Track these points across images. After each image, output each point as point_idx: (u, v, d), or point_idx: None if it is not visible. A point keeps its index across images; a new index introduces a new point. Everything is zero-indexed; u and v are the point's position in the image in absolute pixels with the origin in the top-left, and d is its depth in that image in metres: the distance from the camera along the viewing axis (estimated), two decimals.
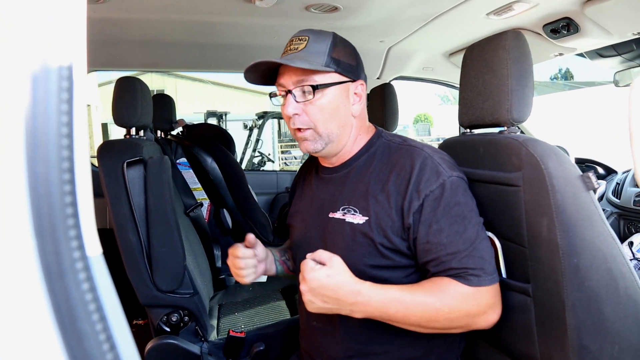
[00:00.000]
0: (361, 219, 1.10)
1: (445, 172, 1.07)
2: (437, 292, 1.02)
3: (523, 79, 1.11)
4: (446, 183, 1.05)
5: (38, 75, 0.33)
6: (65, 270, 0.34)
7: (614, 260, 0.98)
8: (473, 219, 1.06)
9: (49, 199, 0.33)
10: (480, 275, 1.02)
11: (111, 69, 3.20)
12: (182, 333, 1.66)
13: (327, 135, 1.12)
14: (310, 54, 1.09)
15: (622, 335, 0.98)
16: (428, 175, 1.06)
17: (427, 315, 1.02)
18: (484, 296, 1.03)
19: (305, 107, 1.10)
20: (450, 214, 1.04)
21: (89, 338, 0.34)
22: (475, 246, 1.03)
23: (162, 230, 1.56)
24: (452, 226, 1.04)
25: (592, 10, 1.75)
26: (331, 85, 1.10)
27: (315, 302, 1.00)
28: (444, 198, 1.04)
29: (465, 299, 1.02)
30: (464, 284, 1.02)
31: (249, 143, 6.87)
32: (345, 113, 1.14)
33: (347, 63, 1.13)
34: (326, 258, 1.00)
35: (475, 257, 1.03)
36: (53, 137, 0.33)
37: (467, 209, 1.06)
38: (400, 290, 1.02)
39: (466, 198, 1.08)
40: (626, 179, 2.48)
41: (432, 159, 1.09)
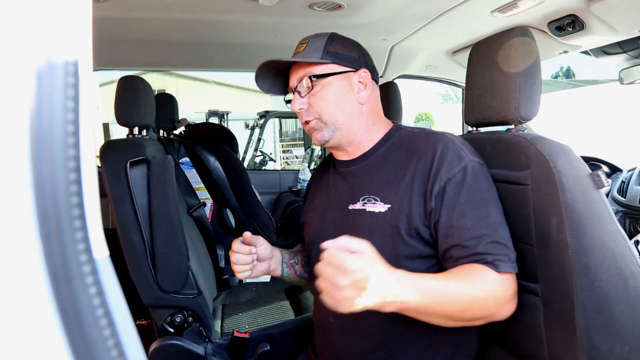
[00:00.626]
0: (383, 207, 1.10)
1: (467, 157, 1.07)
2: (471, 278, 0.98)
3: (531, 76, 1.10)
4: (468, 167, 1.05)
5: (43, 70, 0.31)
6: (72, 274, 0.33)
7: (624, 260, 0.97)
8: (495, 205, 1.05)
9: (55, 200, 0.32)
10: (506, 262, 1.00)
11: (113, 69, 3.19)
12: (186, 334, 1.65)
13: (332, 123, 1.17)
14: (309, 52, 1.18)
15: (633, 336, 0.97)
16: (450, 159, 1.06)
17: (462, 304, 0.96)
18: (510, 283, 1.01)
19: (310, 100, 1.17)
20: (474, 198, 1.03)
21: (97, 344, 0.33)
22: (499, 232, 1.02)
23: (165, 231, 1.55)
24: (475, 210, 1.03)
25: (598, 7, 1.73)
26: (329, 75, 1.16)
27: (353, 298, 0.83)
28: (467, 182, 1.04)
29: (496, 286, 0.99)
30: (493, 270, 0.99)
31: (250, 142, 6.87)
32: (351, 101, 1.18)
33: (346, 55, 1.19)
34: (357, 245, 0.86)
35: (500, 243, 1.01)
36: (59, 135, 0.32)
37: (489, 195, 1.06)
38: (435, 279, 0.96)
39: (488, 183, 1.07)
40: (631, 177, 2.47)
41: (454, 143, 1.10)
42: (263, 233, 2.62)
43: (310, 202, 1.37)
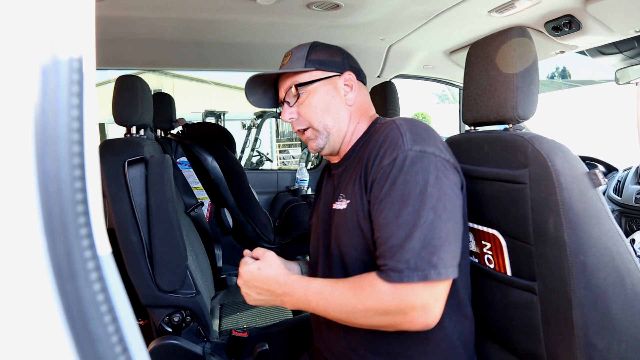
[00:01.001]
0: (345, 203, 1.11)
1: (404, 146, 0.98)
2: (356, 288, 0.97)
3: (529, 76, 1.10)
4: (398, 158, 0.97)
5: (48, 67, 0.31)
6: (77, 271, 0.33)
7: (621, 258, 0.97)
8: (420, 202, 0.94)
9: (60, 197, 0.32)
10: (402, 271, 0.91)
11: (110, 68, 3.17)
12: (184, 333, 1.65)
13: (324, 129, 1.18)
14: (292, 62, 1.20)
15: (630, 333, 0.97)
16: (385, 148, 1.01)
17: (344, 311, 0.97)
18: (406, 295, 0.92)
19: (299, 109, 1.19)
20: (394, 193, 0.96)
21: (102, 340, 0.33)
22: (409, 234, 0.92)
23: (163, 230, 1.55)
24: (391, 207, 0.95)
25: (594, 8, 1.75)
26: (314, 82, 1.17)
27: (250, 294, 1.10)
28: (391, 175, 0.97)
29: (382, 297, 0.93)
30: (383, 279, 0.93)
31: (247, 142, 6.86)
32: (339, 104, 1.19)
33: (329, 60, 1.20)
34: (260, 253, 1.11)
35: (404, 248, 0.91)
36: (64, 132, 0.32)
37: (414, 189, 0.94)
38: (324, 284, 1.02)
39: (420, 177, 0.95)
40: (627, 176, 2.48)
41: (398, 130, 1.02)
42: (261, 232, 2.62)
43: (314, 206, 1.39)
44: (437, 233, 0.93)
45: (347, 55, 1.25)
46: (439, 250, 0.92)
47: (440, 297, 0.95)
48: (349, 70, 1.21)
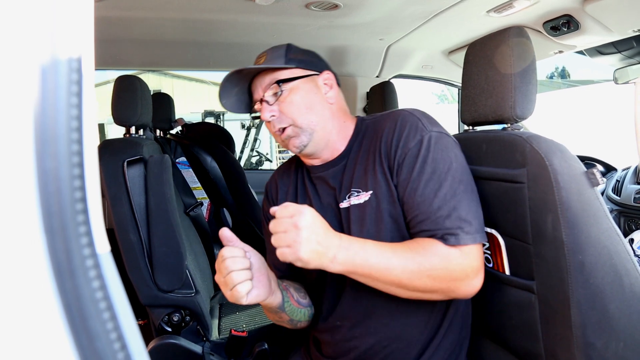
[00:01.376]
0: (366, 195, 1.10)
1: (426, 128, 1.07)
2: (420, 248, 1.00)
3: (527, 76, 1.11)
4: (424, 139, 1.05)
5: (47, 67, 0.32)
6: (76, 268, 0.33)
7: (619, 257, 0.97)
8: (452, 176, 1.03)
9: (59, 195, 0.32)
10: (458, 234, 0.99)
11: (109, 68, 3.18)
12: (184, 333, 1.65)
13: (307, 126, 1.14)
14: (270, 61, 1.16)
15: (628, 332, 0.98)
16: (407, 132, 1.07)
17: (408, 269, 0.97)
18: (467, 256, 1.00)
19: (280, 107, 1.14)
20: (426, 171, 1.03)
21: (100, 337, 0.33)
22: (452, 205, 1.00)
23: (162, 230, 1.55)
24: (427, 184, 1.02)
25: (592, 8, 1.75)
26: (296, 78, 1.15)
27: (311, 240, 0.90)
28: (421, 155, 1.04)
29: (447, 259, 0.98)
30: (443, 243, 0.99)
31: (246, 142, 6.86)
32: (320, 102, 1.17)
33: (306, 59, 1.19)
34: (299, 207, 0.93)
35: (451, 217, 0.99)
36: (63, 131, 0.32)
37: (444, 166, 1.03)
38: (379, 244, 1.00)
39: (445, 154, 1.05)
40: (626, 176, 2.48)
41: (413, 115, 1.10)
42: (260, 232, 2.62)
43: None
44: (469, 202, 1.03)
45: (323, 58, 1.25)
46: (474, 217, 1.02)
47: (482, 259, 1.04)
48: (327, 70, 1.21)
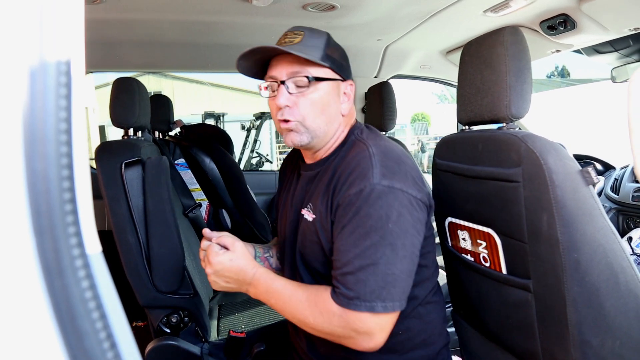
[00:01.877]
0: (311, 216, 1.12)
1: (373, 178, 0.99)
2: (311, 302, 1.02)
3: (521, 75, 1.11)
4: (365, 190, 0.98)
5: (36, 70, 0.32)
6: (65, 268, 0.34)
7: (614, 255, 0.98)
8: (379, 237, 0.96)
9: (48, 196, 0.33)
10: (352, 299, 0.96)
11: (108, 70, 3.19)
12: (183, 334, 1.66)
13: (313, 130, 1.11)
14: (307, 47, 1.08)
15: (623, 330, 0.98)
16: (354, 177, 1.02)
17: (296, 319, 1.05)
18: (350, 321, 0.97)
19: (297, 100, 1.09)
20: (356, 224, 0.98)
21: (89, 336, 0.34)
22: (363, 266, 0.96)
23: (161, 231, 1.56)
24: (351, 236, 0.98)
25: (588, 7, 1.75)
26: (325, 80, 1.10)
27: (218, 282, 1.11)
28: (356, 205, 0.99)
29: (331, 317, 0.99)
30: (334, 301, 0.99)
31: (246, 144, 6.87)
32: (335, 110, 1.14)
33: (339, 62, 1.14)
34: (229, 243, 1.12)
35: (358, 278, 0.96)
36: (51, 133, 0.33)
37: (377, 224, 0.97)
38: (285, 286, 1.07)
39: (384, 212, 0.97)
40: (624, 174, 2.49)
41: (370, 159, 1.03)
42: (259, 233, 2.63)
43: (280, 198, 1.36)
44: (391, 269, 0.97)
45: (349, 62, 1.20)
46: (389, 286, 0.97)
47: (386, 327, 1.00)
48: (351, 81, 1.18)
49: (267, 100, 1.15)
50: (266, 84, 1.14)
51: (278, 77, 1.10)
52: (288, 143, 1.13)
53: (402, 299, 0.99)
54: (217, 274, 1.10)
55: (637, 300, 0.98)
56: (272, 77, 1.11)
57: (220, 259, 1.09)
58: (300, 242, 1.16)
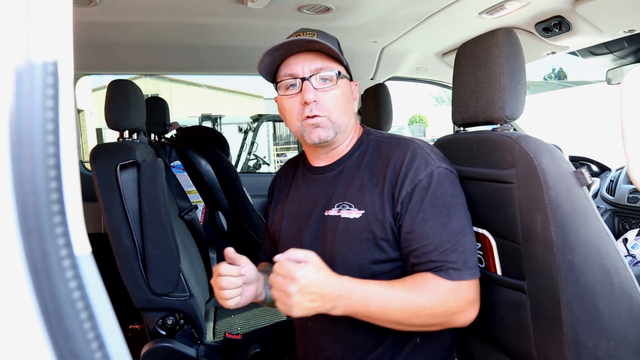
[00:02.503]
0: (357, 213, 1.10)
1: (434, 163, 1.08)
2: (418, 287, 1.02)
3: (515, 77, 1.11)
4: (434, 173, 1.06)
5: (22, 70, 0.32)
6: (52, 269, 0.33)
7: (608, 256, 0.98)
8: (459, 211, 1.07)
9: (35, 197, 0.33)
10: (461, 269, 1.01)
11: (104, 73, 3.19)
12: (178, 336, 1.65)
13: (338, 125, 1.14)
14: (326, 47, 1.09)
15: (618, 331, 0.98)
16: (417, 164, 1.07)
17: (408, 311, 1.00)
18: (465, 291, 1.03)
19: (324, 96, 1.11)
20: (436, 205, 1.05)
21: (77, 337, 0.34)
22: (458, 239, 1.03)
23: (156, 233, 1.55)
24: (437, 217, 1.04)
25: (583, 9, 1.76)
26: (344, 77, 1.16)
27: (303, 302, 0.93)
28: (431, 188, 1.05)
29: (447, 295, 1.01)
30: (444, 278, 1.01)
31: (244, 146, 6.87)
32: (352, 107, 1.19)
33: (347, 64, 1.18)
34: (303, 256, 0.96)
35: (457, 251, 1.02)
36: (38, 134, 0.33)
37: (453, 201, 1.07)
38: (381, 285, 1.01)
39: (454, 190, 1.08)
40: (620, 176, 2.50)
41: (422, 149, 1.11)
42: (255, 235, 2.62)
43: (279, 210, 1.31)
44: (471, 239, 1.07)
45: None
46: (474, 252, 1.06)
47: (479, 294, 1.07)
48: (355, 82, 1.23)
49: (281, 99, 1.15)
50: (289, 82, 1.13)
51: (299, 74, 1.10)
52: (314, 139, 1.12)
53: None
54: (303, 290, 0.92)
55: (631, 301, 0.98)
56: (291, 74, 1.12)
57: (306, 272, 0.92)
58: (339, 242, 1.12)
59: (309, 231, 1.19)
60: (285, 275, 0.93)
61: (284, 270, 0.93)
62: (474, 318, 1.06)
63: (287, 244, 1.25)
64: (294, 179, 1.30)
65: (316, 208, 1.19)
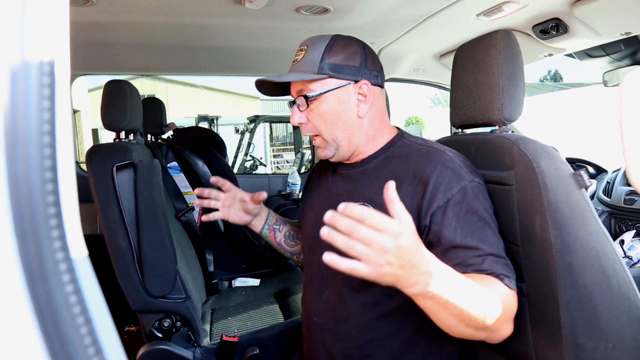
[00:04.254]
0: None
1: (467, 176, 1.04)
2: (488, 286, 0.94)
3: (514, 78, 1.11)
4: (467, 187, 1.03)
5: (17, 70, 0.32)
6: (48, 272, 0.33)
7: (606, 258, 0.98)
8: (493, 224, 1.04)
9: (30, 199, 0.32)
10: (511, 278, 0.98)
11: (101, 73, 3.17)
12: (175, 338, 1.64)
13: (332, 141, 1.14)
14: (305, 63, 1.11)
15: (616, 333, 0.98)
16: (450, 178, 1.03)
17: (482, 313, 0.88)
18: (514, 299, 0.98)
19: (308, 115, 1.13)
20: (472, 220, 1.01)
21: (74, 342, 0.33)
22: (499, 252, 1.00)
23: (152, 235, 1.54)
24: (476, 231, 1.00)
25: (580, 11, 1.76)
26: (325, 92, 1.10)
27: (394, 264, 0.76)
28: (466, 202, 1.02)
29: (508, 300, 0.96)
30: (507, 285, 0.97)
31: (240, 147, 6.86)
32: (349, 116, 1.13)
33: (344, 65, 1.11)
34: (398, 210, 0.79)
35: (500, 262, 0.99)
36: (34, 135, 0.32)
37: (487, 215, 1.03)
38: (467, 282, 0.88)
39: (487, 203, 1.06)
40: (616, 177, 2.50)
41: (454, 162, 1.07)
42: (252, 236, 2.62)
43: (309, 199, 1.34)
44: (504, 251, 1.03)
45: (366, 56, 1.15)
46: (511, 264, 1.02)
47: None
48: (365, 79, 1.13)
49: None
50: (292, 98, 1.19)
51: (292, 95, 1.17)
52: (320, 157, 1.19)
53: None
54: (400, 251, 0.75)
55: (629, 302, 0.98)
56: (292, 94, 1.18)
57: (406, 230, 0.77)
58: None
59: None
60: (381, 229, 0.75)
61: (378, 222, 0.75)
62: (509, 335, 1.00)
63: (307, 234, 1.30)
64: (327, 172, 1.30)
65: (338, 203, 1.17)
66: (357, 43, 1.15)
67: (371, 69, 1.15)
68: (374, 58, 1.18)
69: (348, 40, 1.14)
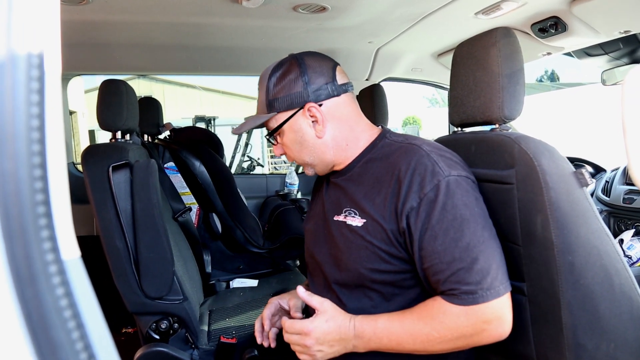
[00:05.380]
0: (360, 221, 1.07)
1: (442, 172, 0.99)
2: (426, 317, 0.99)
3: (514, 76, 1.10)
4: (441, 184, 0.98)
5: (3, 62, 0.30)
6: (37, 275, 0.31)
7: (608, 257, 0.97)
8: (474, 223, 0.97)
9: (18, 198, 0.31)
10: (475, 292, 0.94)
11: (97, 73, 3.15)
12: (172, 340, 1.63)
13: (308, 163, 1.18)
14: (260, 104, 1.17)
15: (618, 333, 0.97)
16: (422, 176, 1.00)
17: (419, 342, 0.99)
18: (479, 313, 0.95)
19: (282, 146, 1.19)
20: (446, 219, 0.97)
21: (64, 347, 0.32)
22: (473, 256, 0.95)
23: (149, 236, 1.53)
24: (447, 232, 0.96)
25: (579, 9, 1.76)
26: (280, 127, 1.14)
27: (323, 349, 1.03)
28: (439, 201, 0.97)
29: (456, 320, 0.96)
30: (455, 303, 0.95)
31: (238, 147, 6.84)
32: (309, 141, 1.14)
33: (286, 96, 1.11)
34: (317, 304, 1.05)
35: (473, 270, 0.94)
36: (22, 130, 0.30)
37: (466, 213, 0.97)
38: (389, 319, 1.02)
39: (466, 200, 0.99)
40: (615, 176, 2.50)
41: (429, 157, 1.02)
42: (250, 237, 2.60)
43: (311, 210, 1.35)
44: (493, 250, 0.98)
45: (308, 76, 1.11)
46: (500, 265, 0.97)
47: (508, 305, 0.99)
48: (309, 101, 1.10)
49: None
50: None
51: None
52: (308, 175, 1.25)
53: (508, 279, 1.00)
54: (319, 340, 1.03)
55: (631, 302, 0.97)
56: None
57: (317, 324, 1.03)
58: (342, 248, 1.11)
59: (323, 234, 1.20)
60: (299, 332, 1.04)
61: (295, 329, 1.04)
62: (505, 334, 0.98)
63: (308, 242, 1.30)
64: (323, 181, 1.29)
65: (329, 212, 1.18)
66: (296, 65, 1.12)
67: (316, 88, 1.11)
68: (319, 72, 1.12)
69: (287, 67, 1.12)
